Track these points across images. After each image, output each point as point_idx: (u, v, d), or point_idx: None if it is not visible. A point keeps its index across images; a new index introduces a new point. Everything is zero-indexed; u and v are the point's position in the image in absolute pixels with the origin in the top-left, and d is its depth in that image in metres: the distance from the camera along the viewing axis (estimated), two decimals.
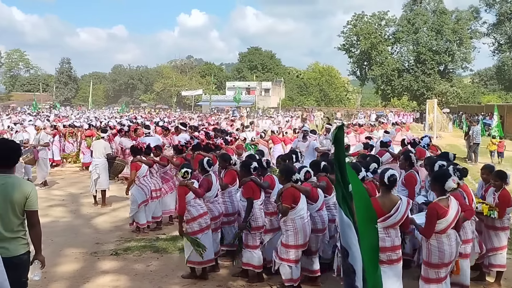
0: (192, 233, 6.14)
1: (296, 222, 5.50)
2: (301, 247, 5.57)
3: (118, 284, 6.06)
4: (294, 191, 5.53)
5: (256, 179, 6.20)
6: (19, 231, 3.92)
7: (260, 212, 6.10)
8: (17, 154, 4.07)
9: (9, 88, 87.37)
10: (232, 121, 26.18)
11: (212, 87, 69.60)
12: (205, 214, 6.24)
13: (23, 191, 3.88)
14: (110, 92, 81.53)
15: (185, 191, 6.17)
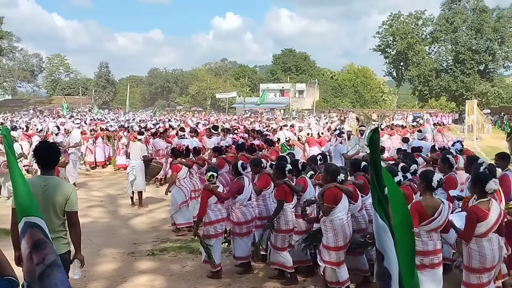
0: (207, 236, 6.29)
1: (335, 223, 5.44)
2: (342, 249, 5.50)
3: (154, 284, 6.15)
4: (336, 191, 5.48)
5: (290, 182, 6.21)
6: (60, 231, 4.03)
7: (291, 215, 6.11)
8: (57, 156, 4.20)
9: (50, 92, 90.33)
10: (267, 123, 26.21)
11: (246, 89, 69.82)
12: (222, 220, 6.37)
13: (64, 192, 3.99)
14: (146, 95, 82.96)
15: (208, 194, 6.30)
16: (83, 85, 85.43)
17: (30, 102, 77.19)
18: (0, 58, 71.06)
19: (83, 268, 4.25)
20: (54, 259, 2.91)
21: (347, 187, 5.71)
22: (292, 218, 6.10)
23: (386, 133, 16.04)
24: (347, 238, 5.52)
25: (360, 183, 6.18)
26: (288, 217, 6.05)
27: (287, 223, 6.05)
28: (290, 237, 6.15)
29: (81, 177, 14.96)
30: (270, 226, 6.05)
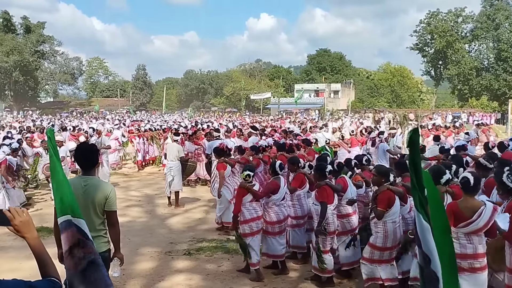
0: (243, 234, 6.31)
1: (388, 226, 5.36)
2: (388, 250, 5.42)
3: (191, 283, 6.22)
4: (390, 194, 5.39)
5: (331, 183, 6.17)
6: (100, 230, 4.13)
7: (332, 217, 6.04)
8: (96, 156, 4.31)
9: (89, 94, 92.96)
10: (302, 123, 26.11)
11: (280, 90, 69.75)
12: (258, 218, 6.35)
13: (103, 192, 4.09)
14: (182, 97, 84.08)
15: (244, 192, 6.34)
16: (121, 87, 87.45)
17: (71, 104, 79.52)
18: (42, 62, 73.48)
19: (122, 266, 4.34)
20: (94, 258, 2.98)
21: (398, 188, 5.62)
22: (333, 220, 6.04)
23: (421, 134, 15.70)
24: (397, 241, 5.45)
25: (408, 185, 6.04)
26: (329, 219, 5.99)
27: (327, 225, 5.99)
28: (332, 239, 6.08)
29: (119, 177, 15.32)
30: (321, 231, 5.96)
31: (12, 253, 7.20)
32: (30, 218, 2.20)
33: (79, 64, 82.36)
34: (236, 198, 6.45)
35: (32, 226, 2.21)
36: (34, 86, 72.22)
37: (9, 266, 6.65)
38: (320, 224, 5.94)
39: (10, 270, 6.35)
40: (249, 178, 6.40)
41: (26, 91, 71.03)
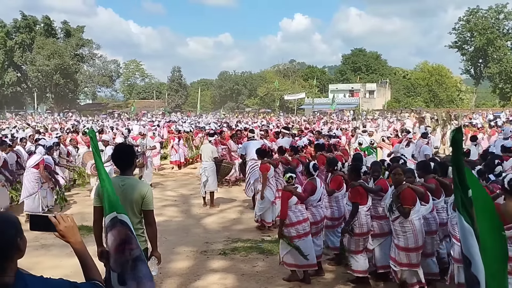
0: (290, 238, 6.21)
1: (415, 224, 5.30)
2: (420, 249, 5.37)
3: (226, 283, 6.26)
4: (411, 192, 5.34)
5: (365, 184, 6.09)
6: (138, 229, 4.21)
7: (366, 218, 5.96)
8: (132, 157, 4.39)
9: (127, 96, 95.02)
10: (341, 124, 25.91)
11: (314, 90, 69.29)
12: (304, 221, 6.26)
13: (140, 192, 4.16)
14: (216, 98, 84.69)
15: (288, 196, 6.25)
16: (157, 89, 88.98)
17: (109, 106, 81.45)
18: (82, 65, 75.54)
19: (159, 265, 4.40)
20: (139, 254, 3.06)
21: (419, 187, 5.56)
22: (366, 221, 5.96)
23: None
24: (423, 238, 5.39)
25: (431, 186, 5.91)
26: (362, 220, 5.92)
27: (361, 226, 5.92)
28: (365, 240, 6.01)
29: (156, 178, 15.58)
30: (348, 230, 5.93)
31: (54, 251, 7.43)
32: (74, 224, 2.27)
33: (117, 66, 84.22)
34: (282, 202, 6.31)
35: (76, 231, 2.28)
36: (74, 88, 74.34)
37: (51, 264, 6.87)
38: (348, 224, 5.91)
39: (52, 267, 6.56)
40: (291, 180, 6.36)
41: (66, 94, 73.23)
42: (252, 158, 10.71)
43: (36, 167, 9.71)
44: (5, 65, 68.76)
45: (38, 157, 9.83)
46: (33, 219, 2.20)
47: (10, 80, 69.12)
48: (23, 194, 9.74)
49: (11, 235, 1.94)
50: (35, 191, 9.65)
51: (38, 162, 9.73)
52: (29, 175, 9.78)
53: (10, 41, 69.33)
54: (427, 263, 5.72)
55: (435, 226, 5.76)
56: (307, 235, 6.24)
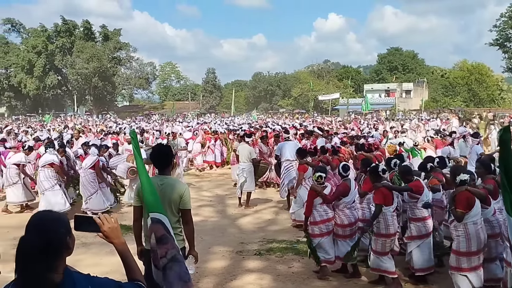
0: (312, 235, 6.34)
1: (469, 228, 5.12)
2: (474, 254, 5.15)
3: (262, 283, 6.27)
4: (468, 195, 5.16)
5: (389, 184, 6.04)
6: (176, 228, 4.27)
7: (392, 219, 5.91)
8: (170, 157, 4.46)
9: (162, 97, 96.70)
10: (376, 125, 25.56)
11: (349, 90, 68.50)
12: (328, 220, 6.35)
13: (178, 191, 4.22)
14: (250, 99, 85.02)
15: (314, 195, 6.37)
16: (191, 90, 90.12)
17: (145, 108, 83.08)
18: (119, 68, 77.34)
19: (196, 264, 4.45)
20: (175, 254, 3.11)
21: (479, 190, 5.35)
22: (393, 222, 5.91)
23: None
24: (481, 244, 5.17)
25: (490, 187, 5.73)
26: (388, 221, 5.86)
27: (387, 227, 5.87)
28: (391, 241, 5.96)
29: (192, 178, 15.77)
30: (367, 230, 5.96)
31: (94, 249, 7.62)
32: (118, 225, 2.31)
33: (153, 69, 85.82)
34: (308, 200, 6.46)
35: (120, 232, 2.32)
36: (112, 90, 76.19)
37: (92, 261, 7.05)
38: (370, 224, 5.91)
39: (92, 265, 6.73)
40: (321, 179, 6.40)
41: (104, 96, 75.14)
42: (287, 159, 10.71)
43: (92, 168, 10.00)
44: (46, 69, 71.18)
45: (94, 158, 10.08)
46: (78, 220, 2.26)
47: (51, 83, 71.51)
48: (84, 194, 10.00)
49: (62, 233, 2.02)
50: (95, 190, 9.94)
51: (94, 163, 10.01)
52: (87, 175, 9.99)
53: (51, 45, 71.73)
54: (491, 268, 5.48)
55: (498, 229, 5.50)
56: (329, 234, 6.39)
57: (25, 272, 1.94)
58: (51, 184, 9.72)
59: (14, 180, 10.61)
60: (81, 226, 2.26)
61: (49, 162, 9.79)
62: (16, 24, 75.37)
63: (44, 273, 1.93)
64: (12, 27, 75.21)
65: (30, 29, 74.82)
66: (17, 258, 1.97)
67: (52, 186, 9.72)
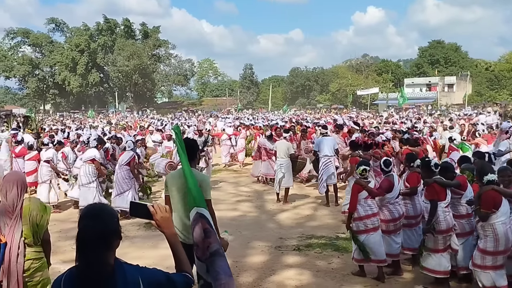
0: (357, 231, 6.16)
1: (497, 228, 4.97)
2: (500, 254, 5.03)
3: (301, 279, 6.26)
4: (495, 194, 5.01)
5: (441, 179, 5.85)
6: None
7: (443, 214, 5.71)
8: (196, 150, 4.56)
9: (200, 94, 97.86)
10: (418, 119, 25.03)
11: (389, 84, 67.25)
12: (373, 215, 6.16)
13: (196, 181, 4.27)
14: (287, 94, 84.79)
15: (359, 189, 6.20)
16: (229, 86, 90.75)
17: (184, 104, 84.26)
18: (159, 65, 78.75)
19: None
20: (217, 248, 3.15)
21: (507, 189, 5.17)
22: (445, 217, 5.70)
23: None
24: (509, 243, 5.02)
25: None
26: (440, 217, 5.68)
27: (439, 223, 5.69)
28: (445, 238, 5.76)
29: (229, 173, 15.93)
30: (431, 229, 5.71)
31: (138, 243, 7.81)
32: (170, 215, 2.36)
33: (191, 65, 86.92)
34: (352, 195, 6.31)
35: (171, 222, 2.37)
36: (151, 87, 77.68)
37: (135, 254, 7.22)
38: (429, 223, 5.69)
39: (136, 258, 6.89)
40: (365, 173, 6.27)
41: (144, 93, 76.71)
42: (325, 155, 10.63)
43: (128, 165, 9.79)
44: (89, 66, 73.36)
45: (130, 154, 9.91)
46: (133, 206, 2.34)
47: (93, 80, 73.65)
48: (116, 191, 9.78)
49: (115, 222, 2.11)
50: (129, 187, 9.75)
51: (130, 159, 9.83)
52: (122, 172, 9.77)
53: (94, 43, 73.82)
54: None
55: None
56: (376, 230, 6.16)
57: (86, 257, 2.04)
58: (88, 180, 9.58)
59: (45, 178, 10.52)
60: (135, 212, 2.33)
61: (91, 158, 9.69)
62: (60, 24, 77.96)
63: (102, 257, 2.03)
64: (56, 26, 77.85)
65: (73, 28, 77.22)
66: (78, 244, 2.07)
67: (89, 183, 9.58)
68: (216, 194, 12.02)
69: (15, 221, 3.63)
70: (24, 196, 3.77)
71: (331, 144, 10.82)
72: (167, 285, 2.20)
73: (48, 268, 3.97)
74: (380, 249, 6.11)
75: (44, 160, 10.60)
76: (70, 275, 2.11)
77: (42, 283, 3.82)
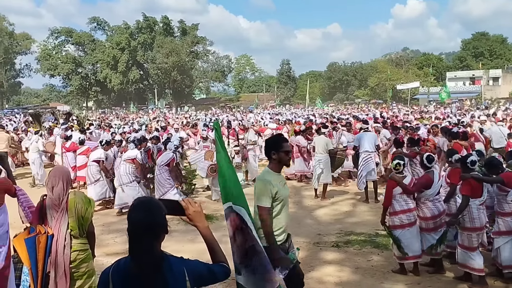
0: (392, 226, 6.10)
1: None
2: None
3: (341, 275, 6.19)
4: None
5: (478, 175, 5.70)
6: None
7: (478, 212, 5.62)
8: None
9: (237, 90, 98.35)
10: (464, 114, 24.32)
11: (430, 78, 65.56)
12: (409, 211, 6.08)
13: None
14: (325, 90, 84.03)
15: (393, 184, 6.14)
16: (266, 82, 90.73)
17: (221, 100, 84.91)
18: (197, 61, 79.62)
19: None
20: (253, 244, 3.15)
21: None
22: (478, 215, 5.62)
23: None
24: None
25: None
26: (473, 214, 5.60)
27: (472, 221, 5.61)
28: (478, 236, 5.66)
29: None
30: (455, 223, 5.68)
31: (177, 237, 7.93)
32: (201, 209, 2.44)
33: (229, 62, 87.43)
34: (386, 190, 6.25)
35: (203, 216, 2.45)
36: (190, 84, 78.69)
37: (174, 248, 7.32)
38: (455, 217, 5.66)
39: (175, 252, 6.89)
40: (399, 167, 6.18)
41: (182, 89, 77.79)
42: (365, 150, 10.47)
43: (168, 165, 9.75)
44: (129, 64, 74.95)
45: (169, 155, 9.83)
46: (164, 203, 2.37)
47: (134, 77, 75.24)
48: (159, 192, 9.70)
49: (163, 216, 2.18)
50: (171, 186, 9.75)
51: (169, 160, 9.78)
52: (163, 173, 9.72)
53: (134, 41, 75.34)
54: None
55: None
56: (412, 226, 6.08)
57: (136, 247, 2.11)
58: (129, 179, 9.74)
59: (96, 177, 10.38)
60: (167, 210, 2.37)
61: (132, 158, 9.83)
62: (101, 22, 79.97)
63: (151, 248, 2.11)
64: (98, 25, 79.89)
65: (114, 27, 79.05)
66: (129, 235, 2.14)
67: (130, 182, 9.75)
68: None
69: (61, 214, 3.75)
70: (69, 190, 3.89)
71: (372, 139, 10.67)
72: (208, 275, 2.31)
73: (93, 260, 4.10)
74: (416, 244, 6.06)
75: (93, 160, 10.46)
76: (117, 267, 2.19)
77: (88, 274, 3.94)
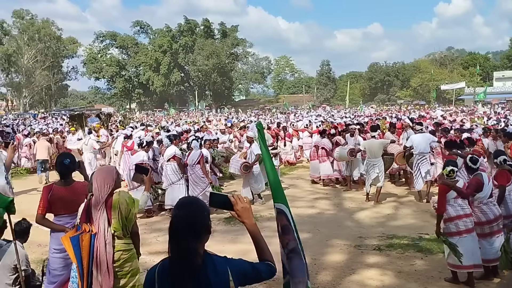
0: (448, 234, 5.80)
1: None
2: None
3: (383, 279, 6.08)
4: None
5: None
6: None
7: None
8: None
9: (277, 91, 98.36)
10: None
11: (476, 78, 63.46)
12: (465, 216, 5.78)
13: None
14: (366, 91, 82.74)
15: (445, 189, 5.88)
16: (305, 83, 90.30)
17: (260, 102, 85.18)
18: (236, 63, 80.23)
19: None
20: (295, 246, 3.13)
21: None
22: None
23: None
24: None
25: None
26: None
27: None
28: None
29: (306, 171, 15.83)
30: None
31: (218, 237, 8.00)
32: (250, 206, 2.40)
33: (268, 63, 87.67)
34: (439, 195, 5.96)
35: (251, 213, 2.40)
36: (229, 85, 79.40)
37: (216, 248, 7.27)
38: None
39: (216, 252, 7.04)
40: (452, 173, 5.95)
41: (222, 91, 78.57)
42: (420, 152, 10.28)
43: (199, 163, 9.82)
44: (171, 66, 76.37)
45: (198, 153, 9.92)
46: (214, 197, 2.40)
47: (175, 79, 76.63)
48: (193, 192, 9.66)
49: (206, 216, 2.21)
50: (206, 184, 9.82)
51: (199, 158, 9.85)
52: (196, 172, 9.81)
53: (175, 44, 76.72)
54: None
55: None
56: (469, 232, 5.76)
57: (176, 245, 2.15)
58: (177, 177, 9.80)
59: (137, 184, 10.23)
60: (216, 203, 2.39)
61: (172, 155, 9.88)
62: (144, 26, 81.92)
63: (192, 246, 2.13)
64: (141, 28, 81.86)
65: (157, 30, 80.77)
66: (170, 233, 2.18)
67: (178, 180, 9.80)
68: (293, 191, 12.03)
69: (100, 212, 3.81)
70: (111, 188, 3.92)
71: (427, 140, 10.44)
72: (252, 274, 2.29)
73: (138, 259, 4.18)
74: (476, 254, 5.74)
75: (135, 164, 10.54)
76: (163, 266, 2.22)
77: (132, 273, 4.01)
